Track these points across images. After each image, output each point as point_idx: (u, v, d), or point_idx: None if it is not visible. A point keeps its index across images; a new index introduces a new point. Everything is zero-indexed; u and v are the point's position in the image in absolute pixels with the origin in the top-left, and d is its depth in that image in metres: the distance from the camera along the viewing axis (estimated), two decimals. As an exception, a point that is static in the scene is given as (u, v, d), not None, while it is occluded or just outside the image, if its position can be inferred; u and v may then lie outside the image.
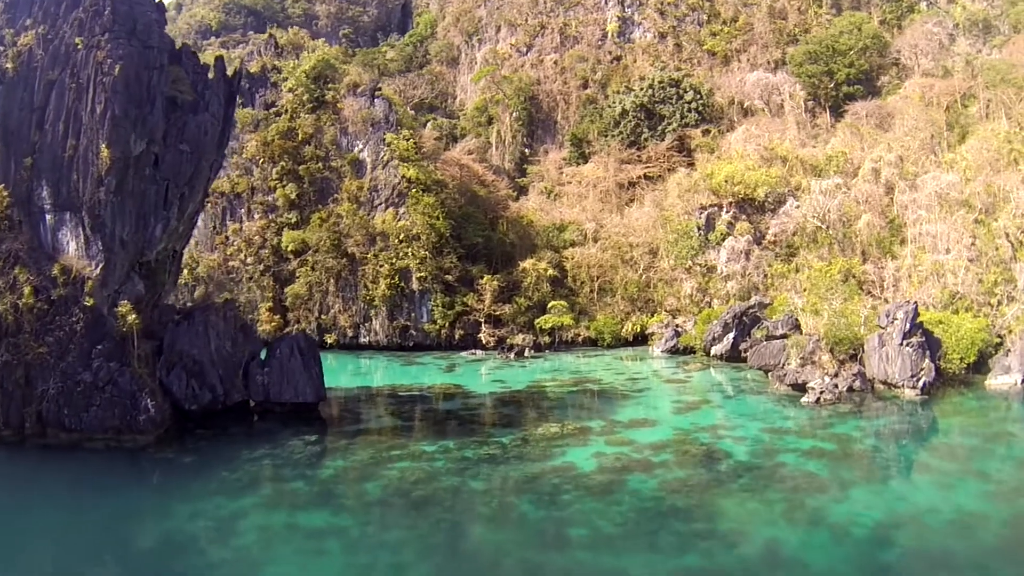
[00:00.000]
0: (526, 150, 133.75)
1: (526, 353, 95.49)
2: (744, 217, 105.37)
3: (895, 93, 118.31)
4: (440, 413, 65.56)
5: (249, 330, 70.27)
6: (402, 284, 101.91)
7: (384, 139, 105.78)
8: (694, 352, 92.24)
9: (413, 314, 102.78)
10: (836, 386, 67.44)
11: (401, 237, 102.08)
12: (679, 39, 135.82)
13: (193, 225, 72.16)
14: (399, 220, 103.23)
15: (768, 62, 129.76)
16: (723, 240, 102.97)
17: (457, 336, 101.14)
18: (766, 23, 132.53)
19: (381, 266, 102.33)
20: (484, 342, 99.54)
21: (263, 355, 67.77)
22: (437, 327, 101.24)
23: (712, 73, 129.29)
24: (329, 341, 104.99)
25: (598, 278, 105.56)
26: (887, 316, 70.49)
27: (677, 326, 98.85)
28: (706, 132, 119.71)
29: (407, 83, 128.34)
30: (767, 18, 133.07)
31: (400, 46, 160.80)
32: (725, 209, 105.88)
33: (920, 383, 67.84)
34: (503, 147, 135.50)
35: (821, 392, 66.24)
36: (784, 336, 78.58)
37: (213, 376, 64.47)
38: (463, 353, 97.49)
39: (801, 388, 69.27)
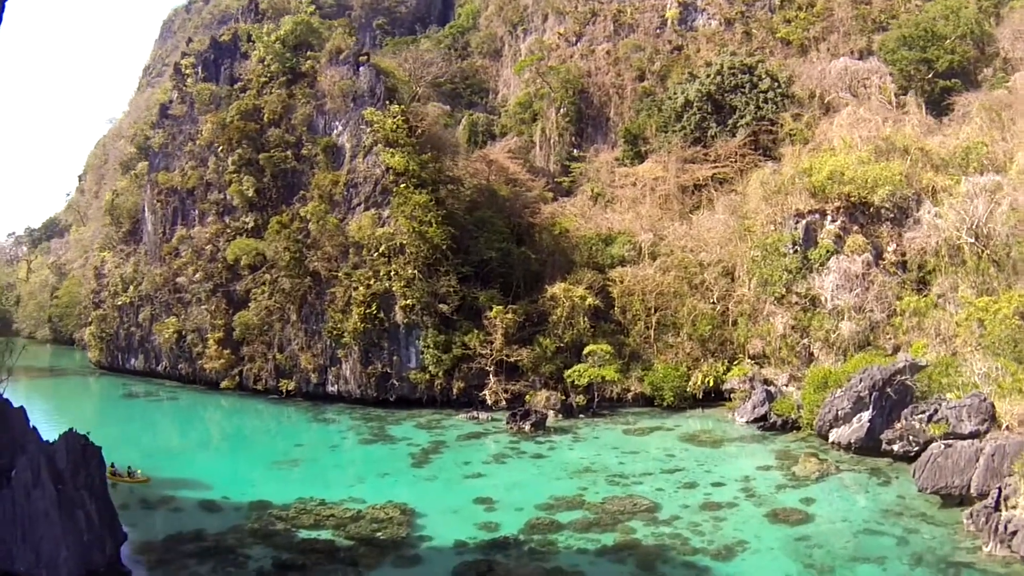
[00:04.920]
0: (574, 150, 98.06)
1: (548, 422, 58.50)
2: (856, 228, 67.24)
3: (1001, 86, 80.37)
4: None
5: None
6: (381, 315, 65.59)
7: (364, 117, 69.92)
8: (797, 428, 54.69)
9: (396, 357, 66.17)
10: None
11: (381, 249, 65.96)
12: (748, 26, 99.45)
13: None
14: (380, 226, 67.07)
15: (851, 52, 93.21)
16: (828, 259, 65.06)
17: (456, 389, 64.52)
18: (848, 9, 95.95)
19: (354, 289, 66.34)
20: (491, 400, 63.02)
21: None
22: (428, 377, 64.66)
23: (787, 64, 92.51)
24: (288, 388, 69.89)
25: (656, 310, 68.09)
26: None
27: (768, 383, 61.56)
28: (797, 116, 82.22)
29: (415, 58, 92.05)
30: (849, 3, 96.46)
31: (438, 37, 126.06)
32: (830, 217, 67.71)
33: None
34: (547, 146, 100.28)
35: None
36: (975, 435, 40.96)
37: None
38: (460, 415, 61.29)
39: (1049, 559, 31.81)
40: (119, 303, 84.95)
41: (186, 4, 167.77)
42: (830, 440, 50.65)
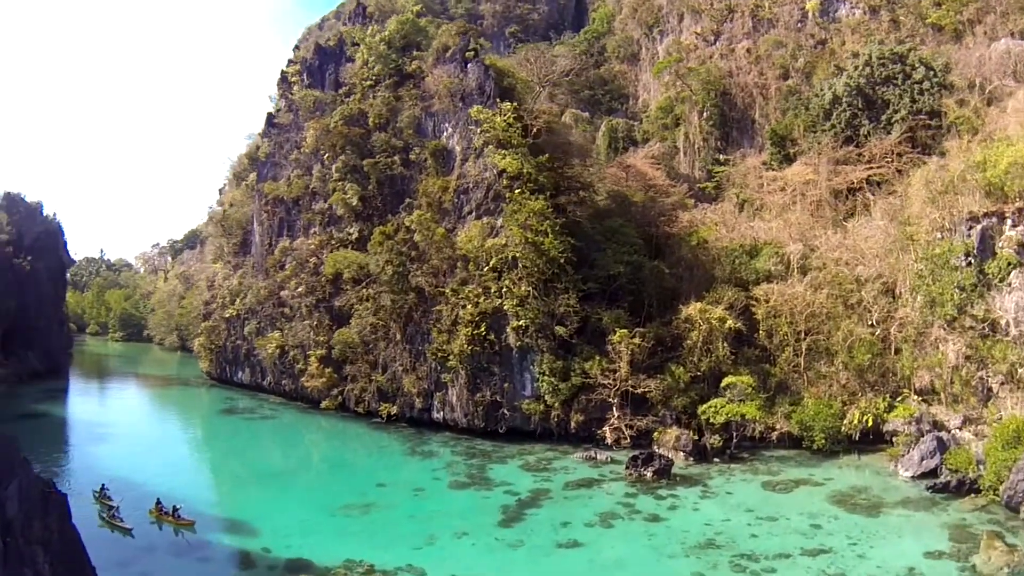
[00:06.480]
0: (719, 154, 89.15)
1: (677, 467, 49.27)
2: (1044, 235, 55.49)
3: None
4: None
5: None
6: (491, 337, 57.92)
7: (471, 116, 62.87)
8: (977, 491, 43.11)
9: (507, 384, 58.30)
10: None
11: (492, 263, 58.43)
12: (895, 13, 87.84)
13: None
14: (492, 236, 59.75)
15: (1012, 33, 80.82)
16: (1009, 273, 53.58)
17: (574, 422, 56.11)
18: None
19: (461, 307, 59.14)
20: (612, 439, 54.25)
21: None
22: (543, 407, 56.48)
23: (941, 51, 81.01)
24: (390, 413, 63.56)
25: (807, 334, 58.13)
26: None
27: (938, 426, 51.03)
28: (962, 103, 70.86)
29: (537, 57, 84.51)
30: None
31: (572, 43, 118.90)
32: (1011, 220, 55.81)
33: None
34: (692, 151, 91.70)
35: None
36: None
37: None
38: (576, 454, 52.83)
39: None
40: (227, 315, 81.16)
41: (319, 22, 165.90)
42: (1022, 515, 40.23)
